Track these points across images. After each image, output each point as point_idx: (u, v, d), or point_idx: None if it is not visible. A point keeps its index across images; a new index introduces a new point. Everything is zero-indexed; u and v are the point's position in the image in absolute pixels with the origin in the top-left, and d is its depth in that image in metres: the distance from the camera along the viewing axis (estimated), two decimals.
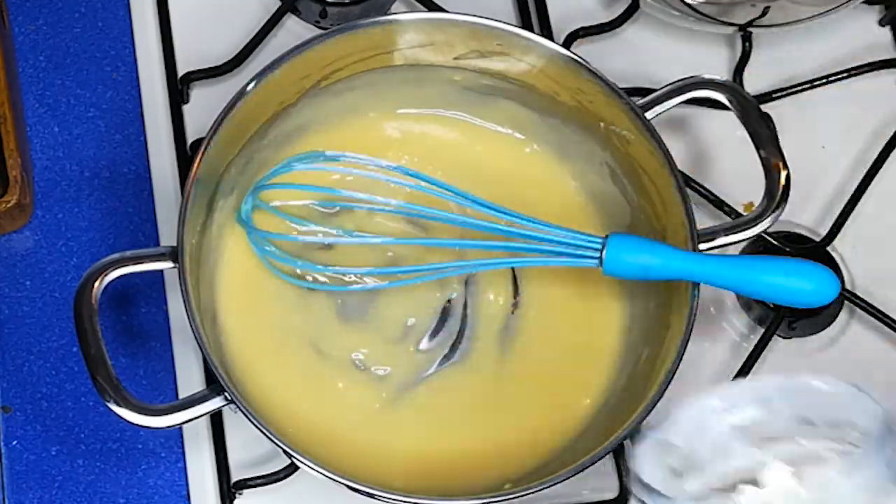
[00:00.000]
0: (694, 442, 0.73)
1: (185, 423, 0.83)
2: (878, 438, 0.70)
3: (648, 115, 0.89)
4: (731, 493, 0.72)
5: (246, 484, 0.91)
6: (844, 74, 1.03)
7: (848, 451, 0.72)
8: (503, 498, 0.83)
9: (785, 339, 0.98)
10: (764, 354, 0.96)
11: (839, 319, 0.99)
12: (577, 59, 0.90)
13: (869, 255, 1.01)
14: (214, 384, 0.83)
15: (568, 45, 1.01)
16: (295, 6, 1.02)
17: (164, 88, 1.00)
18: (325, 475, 0.82)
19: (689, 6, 0.99)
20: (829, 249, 0.99)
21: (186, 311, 0.83)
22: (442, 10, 0.99)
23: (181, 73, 0.99)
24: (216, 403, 0.83)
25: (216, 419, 0.92)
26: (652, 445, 0.74)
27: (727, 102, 0.91)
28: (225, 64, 0.99)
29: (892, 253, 1.01)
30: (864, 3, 1.03)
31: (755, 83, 1.03)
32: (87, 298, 0.83)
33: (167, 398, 0.93)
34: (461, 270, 0.91)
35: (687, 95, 0.91)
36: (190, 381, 0.94)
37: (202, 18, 1.02)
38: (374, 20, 0.91)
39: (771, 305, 0.96)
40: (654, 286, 0.90)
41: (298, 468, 0.89)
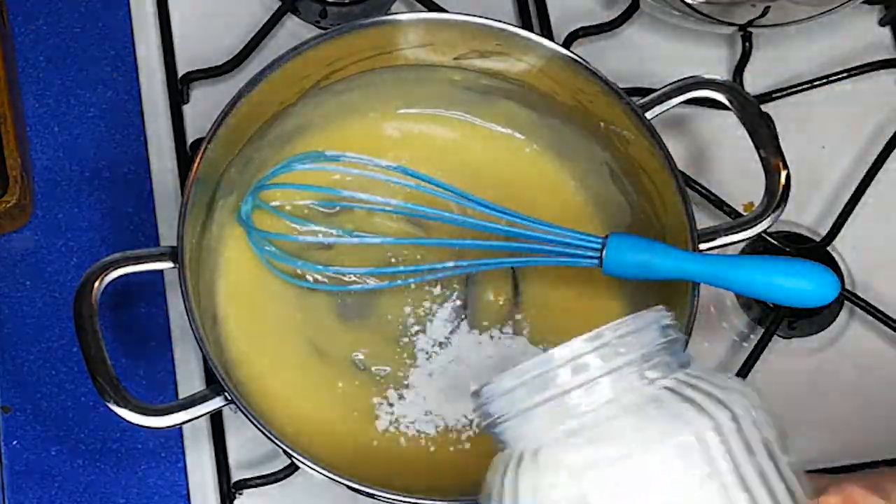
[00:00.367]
0: None
1: (185, 423, 0.83)
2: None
3: (648, 115, 0.90)
4: None
5: (246, 484, 0.91)
6: (844, 74, 1.03)
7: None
8: None
9: (785, 339, 0.98)
10: (764, 354, 0.96)
11: (839, 319, 0.99)
12: (577, 59, 0.90)
13: (869, 255, 1.01)
14: (214, 384, 0.83)
15: (568, 45, 1.01)
16: (295, 6, 1.02)
17: (164, 88, 1.00)
18: (325, 475, 0.82)
19: (689, 6, 0.99)
20: (829, 249, 0.99)
21: (186, 311, 0.83)
22: (442, 10, 0.99)
23: (181, 73, 0.99)
24: (216, 403, 0.83)
25: (216, 419, 0.92)
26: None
27: (727, 102, 0.91)
28: (225, 64, 0.99)
29: (892, 253, 1.01)
30: (864, 3, 1.03)
31: (755, 83, 1.03)
32: (86, 298, 0.83)
33: (167, 398, 0.93)
34: (461, 271, 0.91)
35: (687, 95, 0.91)
36: (190, 381, 0.94)
37: (202, 18, 1.02)
38: (373, 20, 0.91)
39: (771, 305, 0.96)
40: (653, 286, 0.90)
41: (298, 468, 0.89)
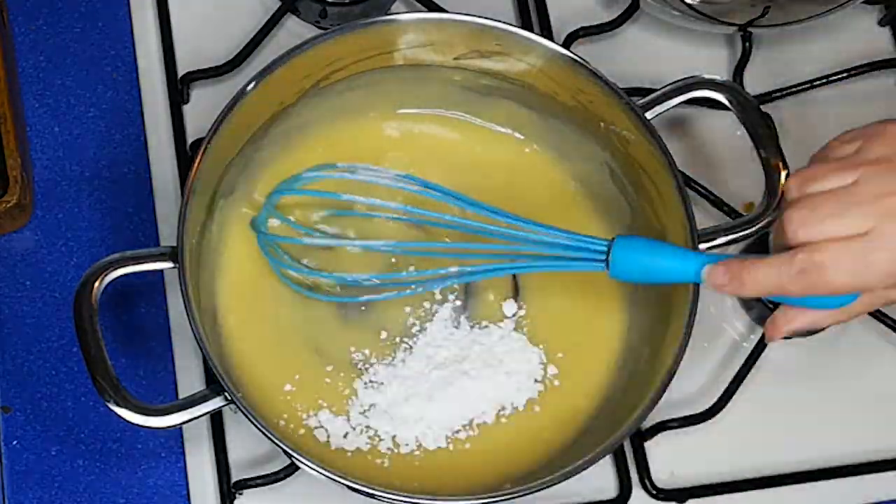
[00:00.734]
0: None
1: (185, 423, 0.83)
2: None
3: (648, 115, 0.90)
4: None
5: (246, 484, 0.91)
6: (844, 74, 1.03)
7: None
8: (503, 497, 0.83)
9: (785, 339, 0.98)
10: (764, 354, 0.96)
11: None
12: (577, 59, 0.90)
13: None
14: (214, 384, 0.83)
15: (568, 45, 1.01)
16: (295, 6, 1.02)
17: (164, 88, 1.00)
18: (325, 475, 0.82)
19: (689, 6, 0.99)
20: None
21: (186, 310, 0.83)
22: (442, 10, 0.99)
23: (181, 73, 0.99)
24: (216, 403, 0.83)
25: (216, 419, 0.92)
26: None
27: (727, 102, 0.91)
28: (225, 64, 0.99)
29: None
30: (864, 3, 1.03)
31: (755, 83, 1.03)
32: (86, 298, 0.83)
33: (167, 398, 0.93)
34: (467, 278, 0.91)
35: (687, 95, 0.91)
36: (190, 381, 0.94)
37: (202, 18, 1.02)
38: (373, 20, 0.91)
39: (771, 305, 0.96)
40: (654, 287, 0.90)
41: (298, 468, 0.89)
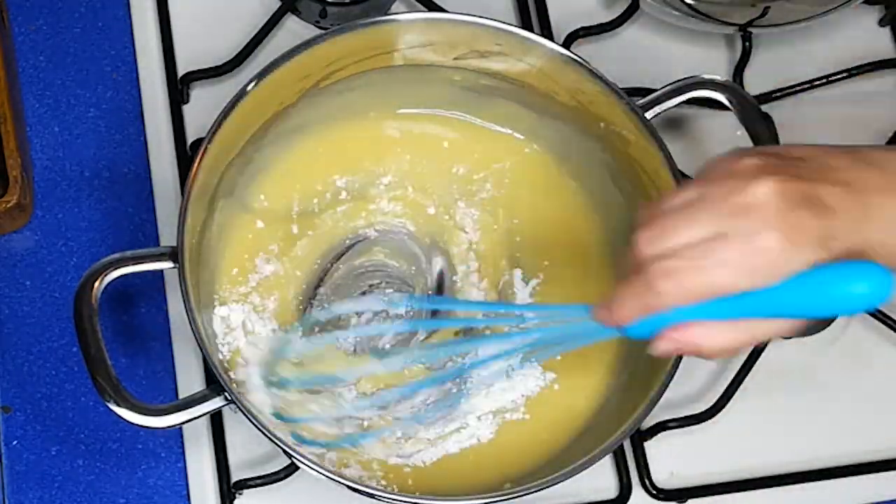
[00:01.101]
0: None
1: (185, 422, 0.83)
2: None
3: (648, 115, 0.89)
4: None
5: (246, 484, 0.91)
6: (844, 74, 1.03)
7: None
8: (503, 497, 0.83)
9: (785, 338, 0.98)
10: (764, 354, 0.96)
11: (839, 319, 0.99)
12: (576, 59, 0.90)
13: None
14: (214, 384, 0.83)
15: (568, 45, 1.01)
16: (295, 6, 1.02)
17: (164, 88, 1.00)
18: (325, 475, 0.82)
19: (689, 6, 0.99)
20: None
21: (186, 310, 0.83)
22: (442, 10, 0.99)
23: (181, 73, 0.99)
24: (216, 403, 0.83)
25: (216, 419, 0.92)
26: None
27: (727, 103, 0.91)
28: (225, 64, 0.99)
29: None
30: (864, 3, 1.03)
31: (755, 83, 1.03)
32: (86, 298, 0.83)
33: (167, 398, 0.93)
34: (465, 369, 0.90)
35: (687, 95, 0.91)
36: (190, 381, 0.94)
37: (202, 18, 1.02)
38: (373, 20, 0.91)
39: None
40: None
41: (298, 468, 0.89)
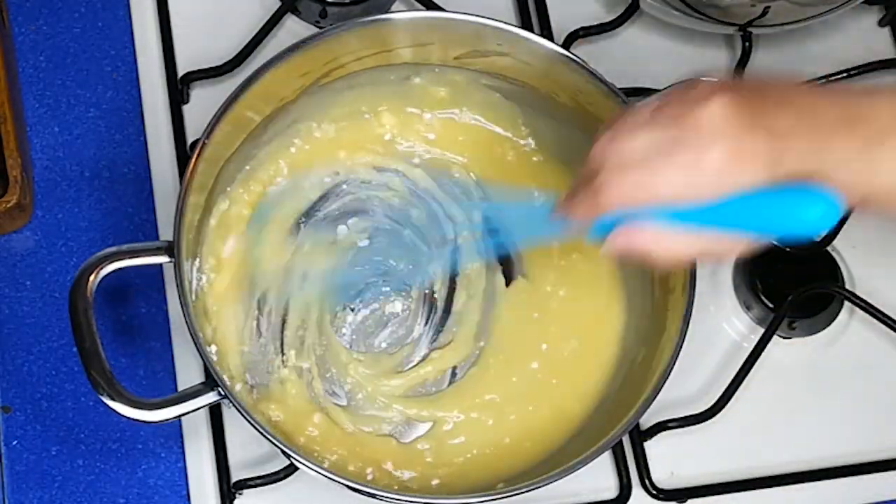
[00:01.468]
0: None
1: (179, 416, 0.83)
2: None
3: None
4: None
5: (246, 484, 0.91)
6: (844, 74, 1.03)
7: None
8: (498, 497, 0.83)
9: (785, 339, 0.98)
10: (764, 354, 0.96)
11: (839, 319, 0.99)
12: (576, 59, 0.90)
13: (869, 255, 1.01)
14: (210, 379, 0.83)
15: (568, 45, 1.01)
16: (295, 6, 1.02)
17: (164, 88, 1.00)
18: (324, 475, 0.82)
19: (689, 6, 0.99)
20: (828, 250, 0.99)
21: (182, 305, 0.83)
22: (441, 9, 0.98)
23: (181, 73, 0.99)
24: (210, 398, 0.83)
25: (216, 419, 0.92)
26: None
27: None
28: (225, 64, 0.99)
29: (892, 253, 1.01)
30: (864, 3, 1.03)
31: None
32: (82, 291, 0.83)
33: (167, 395, 0.93)
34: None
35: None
36: (189, 377, 0.93)
37: (202, 18, 1.02)
38: (373, 18, 0.91)
39: (771, 305, 0.96)
40: (650, 289, 0.90)
41: (298, 468, 0.89)
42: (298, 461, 0.82)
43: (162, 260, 0.85)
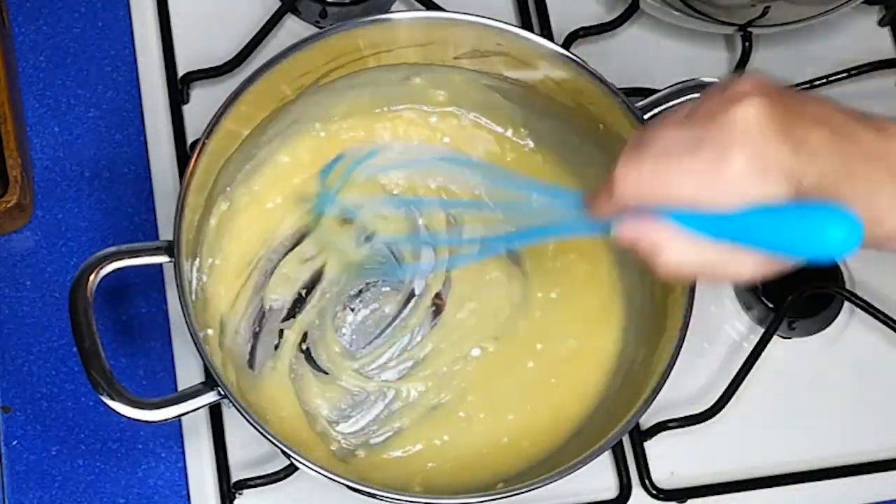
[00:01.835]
0: None
1: (179, 416, 0.83)
2: None
3: (647, 117, 0.89)
4: None
5: (246, 484, 0.91)
6: (844, 74, 1.03)
7: None
8: (499, 497, 0.83)
9: (785, 339, 0.98)
10: (764, 354, 0.96)
11: (839, 319, 0.99)
12: (576, 60, 0.90)
13: (869, 255, 1.00)
14: (209, 379, 0.83)
15: (568, 45, 1.01)
16: (295, 6, 1.02)
17: (164, 88, 1.00)
18: (323, 475, 0.82)
19: (689, 6, 0.99)
20: None
21: (182, 305, 0.83)
22: (442, 9, 0.99)
23: (181, 73, 0.99)
24: (210, 398, 0.83)
25: (216, 419, 0.92)
26: None
27: None
28: (225, 64, 0.99)
29: (892, 253, 1.01)
30: (864, 3, 1.03)
31: None
32: (82, 291, 0.83)
33: (167, 395, 0.93)
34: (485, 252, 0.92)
35: (686, 98, 0.90)
36: (189, 380, 0.93)
37: (202, 18, 1.02)
38: (373, 18, 0.91)
39: (771, 305, 0.96)
40: (650, 289, 0.90)
41: (298, 468, 0.89)
42: (298, 461, 0.82)
43: (162, 260, 0.85)
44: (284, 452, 0.82)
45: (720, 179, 0.69)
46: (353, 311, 0.93)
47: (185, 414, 0.83)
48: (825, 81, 1.03)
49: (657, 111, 0.90)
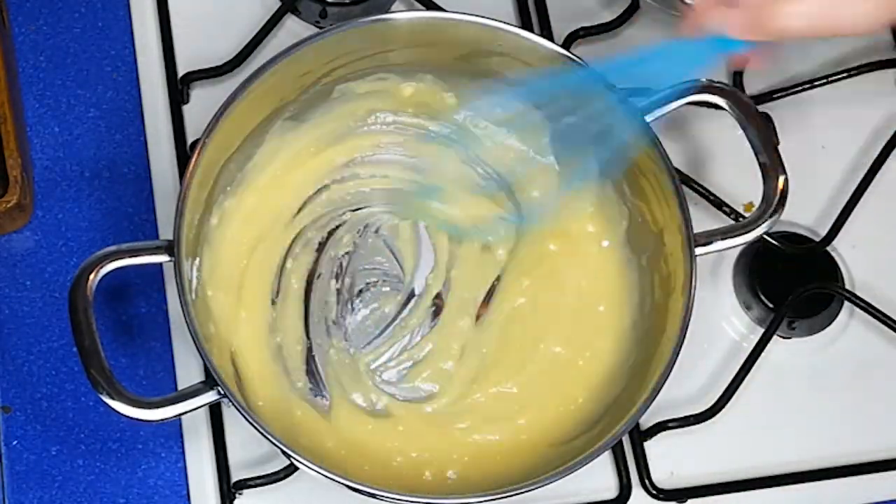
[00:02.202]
0: None
1: (178, 415, 0.83)
2: None
3: (648, 117, 0.89)
4: None
5: (246, 484, 0.91)
6: (844, 74, 1.03)
7: None
8: (499, 496, 0.83)
9: (785, 339, 0.98)
10: (764, 354, 0.96)
11: (839, 319, 0.99)
12: (576, 60, 0.90)
13: (869, 255, 1.01)
14: (209, 378, 0.83)
15: (568, 45, 1.01)
16: (295, 6, 1.02)
17: (164, 88, 1.00)
18: (323, 475, 0.82)
19: (689, 6, 0.98)
20: (828, 249, 0.99)
21: (182, 305, 0.83)
22: (442, 9, 0.98)
23: (181, 73, 0.99)
24: (210, 397, 0.83)
25: (216, 419, 0.92)
26: None
27: (726, 107, 0.90)
28: (225, 64, 0.99)
29: (892, 253, 1.01)
30: None
31: (755, 83, 1.03)
32: (82, 290, 0.83)
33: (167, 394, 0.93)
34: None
35: (686, 99, 0.90)
36: (189, 379, 0.93)
37: (202, 18, 1.02)
38: (373, 18, 0.91)
39: (771, 305, 0.96)
40: (650, 289, 0.90)
41: (298, 468, 0.89)
42: (298, 461, 0.82)
43: (162, 259, 0.85)
44: (284, 452, 0.82)
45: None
46: (352, 310, 0.93)
47: (184, 413, 0.83)
48: (825, 81, 1.03)
49: (657, 112, 0.90)
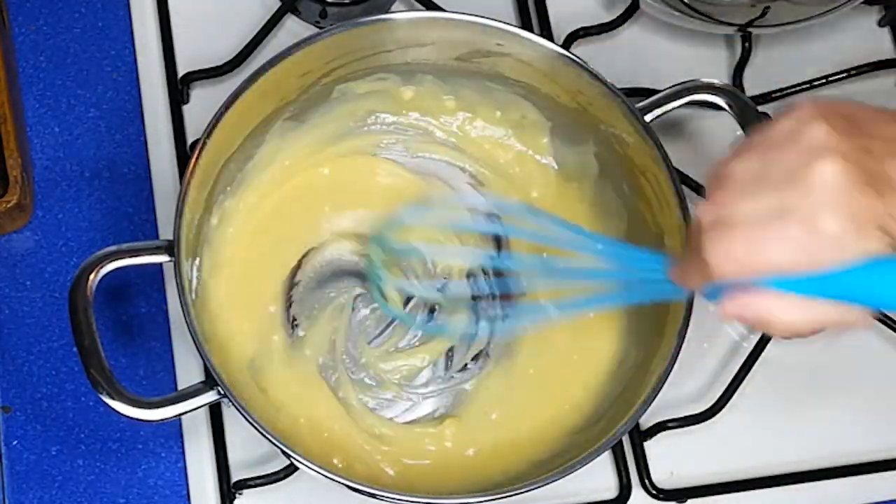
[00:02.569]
0: None
1: (178, 415, 0.83)
2: None
3: (647, 117, 0.89)
4: None
5: (246, 484, 0.91)
6: (844, 75, 1.03)
7: None
8: (500, 496, 0.83)
9: (785, 338, 0.98)
10: (764, 354, 0.96)
11: None
12: (576, 60, 0.90)
13: None
14: (209, 378, 0.83)
15: (568, 45, 1.01)
16: (295, 6, 1.02)
17: (164, 88, 1.00)
18: (323, 475, 0.82)
19: (689, 6, 0.99)
20: None
21: (182, 305, 0.83)
22: (442, 9, 0.98)
23: (181, 73, 0.99)
24: (210, 397, 0.83)
25: (216, 419, 0.92)
26: None
27: (726, 107, 0.90)
28: (225, 64, 0.99)
29: None
30: (864, 3, 1.03)
31: (755, 83, 1.03)
32: (82, 290, 0.83)
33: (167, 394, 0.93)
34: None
35: (686, 99, 0.90)
36: (189, 379, 0.93)
37: (202, 18, 1.02)
38: (373, 18, 0.91)
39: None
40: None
41: (298, 468, 0.89)
42: (298, 461, 0.82)
43: (162, 259, 0.85)
44: (284, 452, 0.82)
45: (817, 245, 0.67)
46: (353, 310, 0.93)
47: (184, 413, 0.83)
48: (825, 81, 1.03)
49: (657, 112, 0.90)
